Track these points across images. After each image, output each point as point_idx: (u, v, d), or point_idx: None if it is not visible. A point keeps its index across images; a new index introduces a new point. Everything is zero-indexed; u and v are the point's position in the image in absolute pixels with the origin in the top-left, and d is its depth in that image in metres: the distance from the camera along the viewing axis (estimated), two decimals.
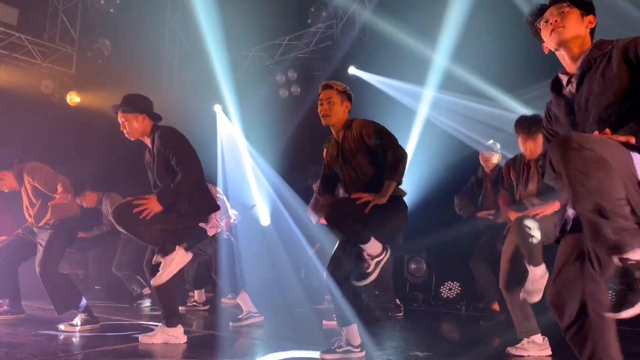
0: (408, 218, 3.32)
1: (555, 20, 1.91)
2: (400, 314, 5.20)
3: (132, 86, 7.86)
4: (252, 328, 4.39)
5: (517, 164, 3.76)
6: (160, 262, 3.36)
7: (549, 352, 3.41)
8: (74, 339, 3.66)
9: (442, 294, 6.10)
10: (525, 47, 5.89)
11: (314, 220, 4.88)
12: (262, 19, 7.81)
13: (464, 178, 5.26)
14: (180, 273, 3.69)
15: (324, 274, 3.28)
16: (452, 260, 6.11)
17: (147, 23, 8.12)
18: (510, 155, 4.04)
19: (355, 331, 3.26)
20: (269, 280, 6.71)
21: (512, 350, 3.41)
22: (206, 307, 5.50)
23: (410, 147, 6.25)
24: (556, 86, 2.02)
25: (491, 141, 5.04)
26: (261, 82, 8.40)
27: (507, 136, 3.95)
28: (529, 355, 3.35)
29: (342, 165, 3.34)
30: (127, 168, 6.24)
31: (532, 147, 3.58)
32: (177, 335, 3.56)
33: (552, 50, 1.99)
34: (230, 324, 4.43)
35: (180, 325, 3.60)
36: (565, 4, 1.92)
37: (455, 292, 6.04)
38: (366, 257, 3.13)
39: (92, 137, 7.62)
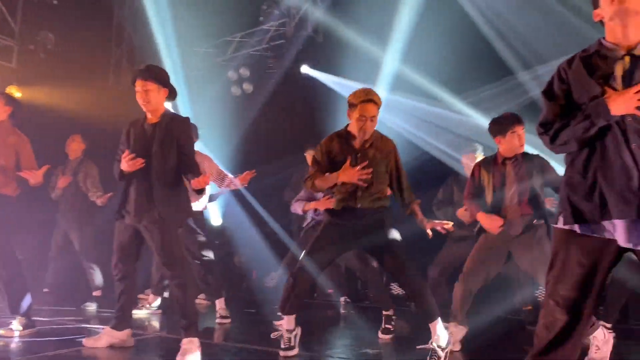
0: None
1: None
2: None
3: (78, 81, 7.59)
4: (205, 329, 4.33)
5: (489, 164, 3.65)
6: None
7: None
8: (12, 345, 3.51)
9: (393, 292, 6.20)
10: (473, 50, 6.08)
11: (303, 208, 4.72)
12: (214, 15, 7.70)
13: (415, 178, 5.31)
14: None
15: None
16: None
17: (93, 17, 7.86)
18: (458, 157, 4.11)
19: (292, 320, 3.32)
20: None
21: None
22: (159, 310, 5.35)
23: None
24: (600, 51, 1.94)
25: (474, 145, 4.93)
26: (212, 79, 8.29)
27: (454, 137, 4.05)
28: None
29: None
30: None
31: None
32: (124, 338, 3.47)
33: (605, 20, 1.94)
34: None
35: (129, 329, 3.52)
36: None
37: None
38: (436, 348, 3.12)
39: (33, 134, 7.30)
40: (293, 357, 3.26)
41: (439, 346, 3.11)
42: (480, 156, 4.66)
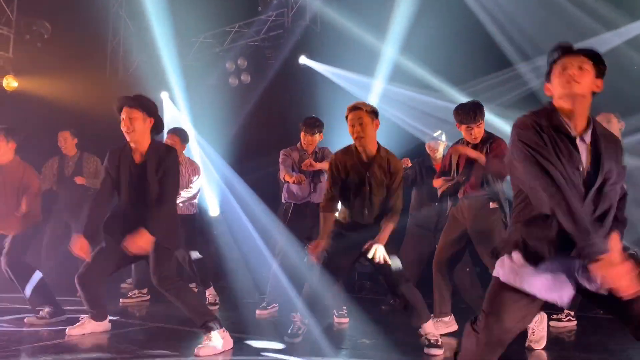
0: None
1: (574, 73, 1.89)
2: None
3: (74, 71, 7.56)
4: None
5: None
6: None
7: (455, 327, 3.82)
8: (10, 335, 3.52)
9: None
10: (472, 41, 6.06)
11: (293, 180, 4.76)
12: (211, 5, 7.65)
13: (412, 168, 5.33)
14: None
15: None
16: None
17: (90, 6, 7.81)
18: None
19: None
20: (218, 271, 6.65)
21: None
22: (147, 297, 5.39)
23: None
24: (556, 122, 1.93)
25: (438, 132, 5.11)
26: (210, 69, 8.24)
27: (452, 127, 4.06)
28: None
29: (360, 186, 3.39)
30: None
31: (478, 133, 3.71)
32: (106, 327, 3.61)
33: (554, 96, 1.96)
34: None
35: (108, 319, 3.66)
36: (587, 60, 1.91)
37: None
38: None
39: (30, 124, 7.28)
40: (293, 345, 3.30)
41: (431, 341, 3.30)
42: (444, 144, 4.95)
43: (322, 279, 3.33)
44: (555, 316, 4.11)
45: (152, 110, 3.38)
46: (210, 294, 5.22)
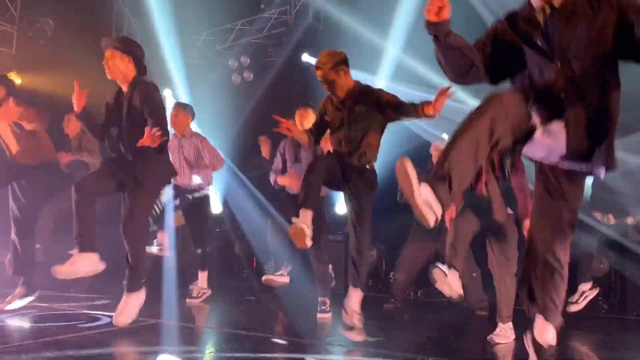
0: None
1: None
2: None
3: (77, 68, 7.54)
4: (201, 316, 4.35)
5: None
6: None
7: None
8: (11, 331, 3.53)
9: (392, 280, 6.20)
10: (474, 39, 6.05)
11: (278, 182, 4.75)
12: (214, 2, 7.65)
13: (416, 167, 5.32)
14: None
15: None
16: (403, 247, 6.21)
17: (93, 3, 7.81)
18: None
19: None
20: (221, 267, 6.66)
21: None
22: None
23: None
24: (529, 10, 2.00)
25: (445, 135, 5.13)
26: (213, 67, 8.24)
27: (455, 126, 4.06)
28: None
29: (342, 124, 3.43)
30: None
31: None
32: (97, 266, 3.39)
33: None
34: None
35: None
36: None
37: None
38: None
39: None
40: (295, 344, 3.30)
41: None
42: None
43: None
44: (571, 300, 4.21)
45: (131, 49, 3.46)
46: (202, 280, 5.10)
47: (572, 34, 1.87)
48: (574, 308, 4.23)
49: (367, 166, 3.40)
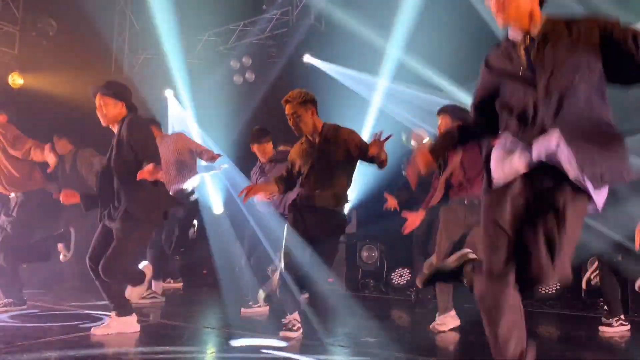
0: None
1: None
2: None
3: (79, 69, 7.57)
4: (205, 317, 4.35)
5: None
6: None
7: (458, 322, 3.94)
8: (15, 330, 3.53)
9: (393, 281, 6.21)
10: (476, 40, 6.03)
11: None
12: (216, 3, 7.66)
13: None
14: None
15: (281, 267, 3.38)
16: (404, 248, 6.20)
17: (96, 3, 7.81)
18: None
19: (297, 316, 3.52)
20: (221, 268, 6.65)
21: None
22: (163, 299, 5.34)
23: (364, 136, 6.29)
24: (507, 43, 2.07)
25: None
26: (215, 67, 8.25)
27: None
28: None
29: (313, 165, 3.51)
30: None
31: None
32: (131, 323, 3.55)
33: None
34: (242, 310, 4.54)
35: (134, 314, 3.58)
36: None
37: (405, 279, 6.15)
38: None
39: (35, 121, 7.31)
40: (297, 344, 3.30)
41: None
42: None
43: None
44: (605, 320, 3.96)
45: (121, 94, 3.50)
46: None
47: (554, 60, 1.87)
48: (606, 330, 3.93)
49: (336, 208, 3.48)
